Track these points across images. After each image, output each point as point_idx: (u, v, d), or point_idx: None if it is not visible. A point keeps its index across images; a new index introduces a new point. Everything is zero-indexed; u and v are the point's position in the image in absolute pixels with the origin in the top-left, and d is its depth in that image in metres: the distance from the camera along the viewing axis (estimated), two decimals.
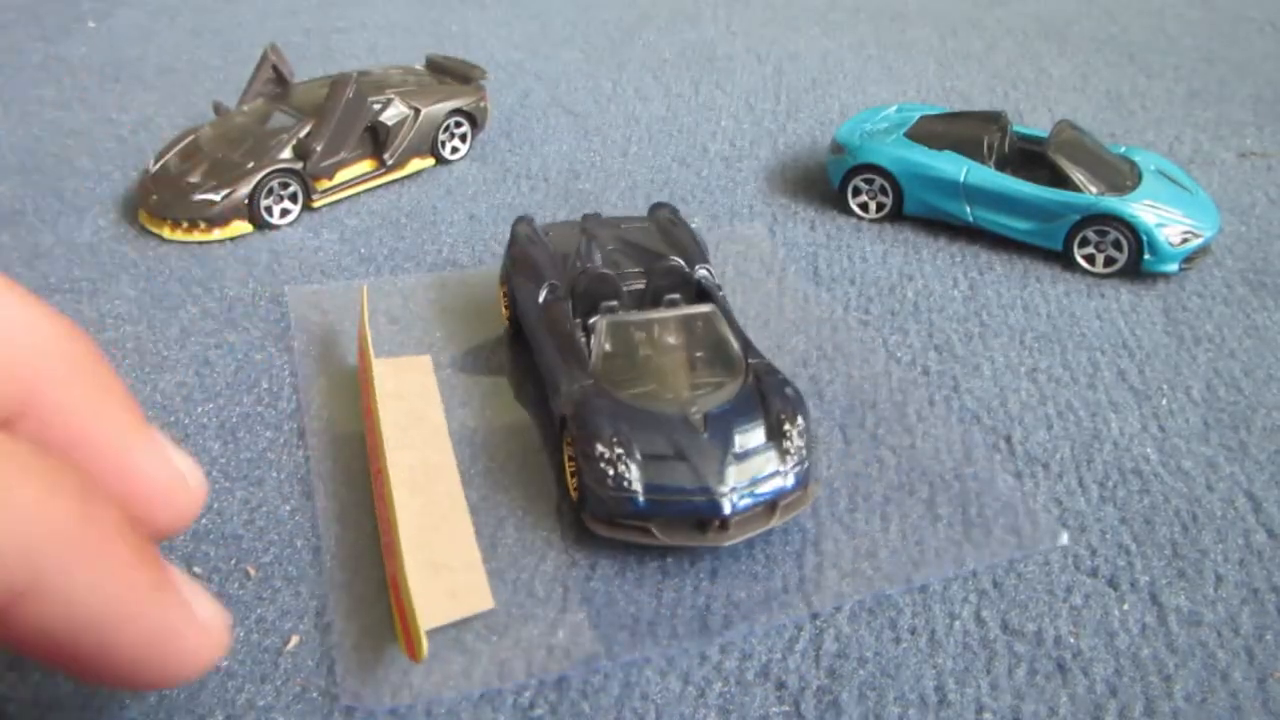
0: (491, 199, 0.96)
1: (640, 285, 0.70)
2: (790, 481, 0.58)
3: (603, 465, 0.57)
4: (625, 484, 0.56)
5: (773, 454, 0.58)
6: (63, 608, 0.36)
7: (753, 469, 0.57)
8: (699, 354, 0.64)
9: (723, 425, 0.59)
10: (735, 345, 0.64)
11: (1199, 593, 0.57)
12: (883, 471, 0.65)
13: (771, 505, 0.58)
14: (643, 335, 0.65)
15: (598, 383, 0.62)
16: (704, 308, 0.66)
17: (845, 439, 0.67)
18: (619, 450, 0.57)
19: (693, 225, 0.79)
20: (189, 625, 0.40)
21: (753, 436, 0.58)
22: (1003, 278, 0.85)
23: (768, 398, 0.60)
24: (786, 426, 0.59)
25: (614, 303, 0.68)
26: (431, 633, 0.53)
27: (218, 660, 0.41)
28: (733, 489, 0.56)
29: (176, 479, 0.44)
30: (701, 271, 0.71)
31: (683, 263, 0.70)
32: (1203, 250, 0.84)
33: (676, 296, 0.69)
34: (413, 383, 0.71)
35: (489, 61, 1.23)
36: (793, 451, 0.58)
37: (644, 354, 0.64)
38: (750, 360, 0.63)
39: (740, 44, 1.33)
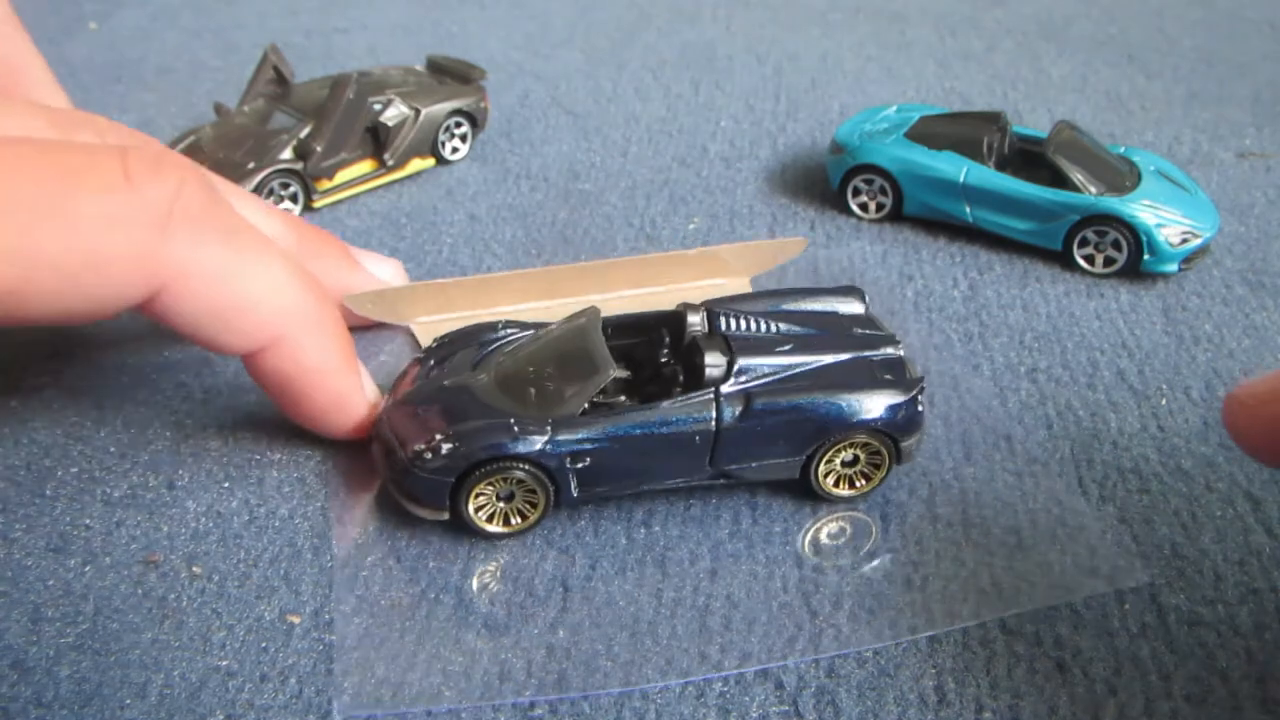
0: (491, 199, 0.96)
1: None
2: None
3: None
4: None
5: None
6: (293, 357, 0.59)
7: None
8: (558, 371, 0.61)
9: (441, 401, 0.61)
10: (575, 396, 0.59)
11: (1199, 592, 0.57)
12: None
13: None
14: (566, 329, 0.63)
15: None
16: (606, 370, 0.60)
17: None
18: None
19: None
20: (360, 394, 0.63)
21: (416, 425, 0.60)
22: (1003, 278, 0.85)
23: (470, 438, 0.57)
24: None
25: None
26: (429, 632, 0.53)
27: (367, 422, 0.63)
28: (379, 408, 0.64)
29: (366, 401, 0.64)
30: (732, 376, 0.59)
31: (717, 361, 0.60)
32: (1202, 250, 0.84)
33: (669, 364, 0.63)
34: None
35: (489, 61, 1.23)
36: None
37: (545, 339, 0.63)
38: (556, 417, 0.58)
39: (740, 44, 1.33)
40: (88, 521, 0.60)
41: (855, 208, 0.94)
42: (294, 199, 0.91)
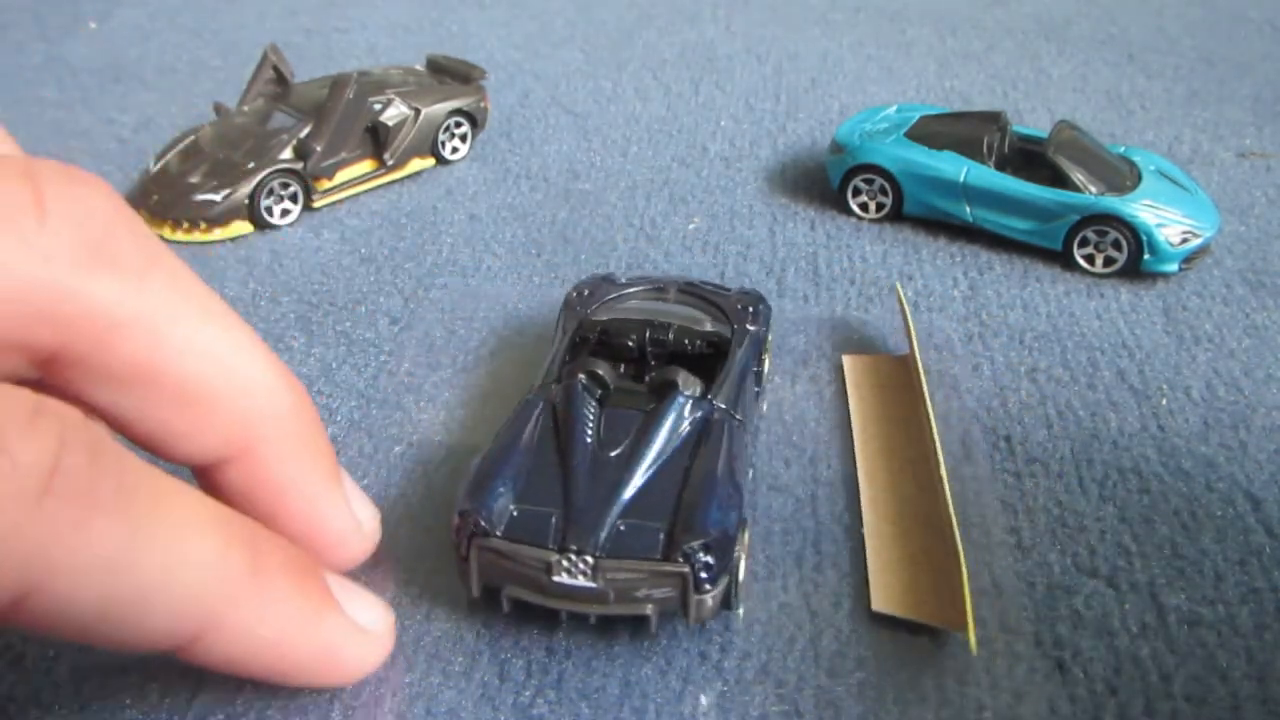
0: (491, 199, 0.96)
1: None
2: None
3: None
4: None
5: None
6: (238, 640, 0.44)
7: None
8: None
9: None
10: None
11: (1199, 592, 0.57)
12: None
13: None
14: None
15: None
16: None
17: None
18: None
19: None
20: (350, 637, 0.48)
21: None
22: (1003, 278, 0.85)
23: None
24: None
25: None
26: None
27: (383, 659, 0.50)
28: None
29: (352, 528, 0.52)
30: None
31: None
32: (1202, 250, 0.84)
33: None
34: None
35: (489, 61, 1.23)
36: None
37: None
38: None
39: (740, 44, 1.33)
40: None
41: (855, 208, 0.94)
42: (294, 199, 0.91)
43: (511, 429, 0.57)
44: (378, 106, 0.95)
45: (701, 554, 0.50)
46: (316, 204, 0.93)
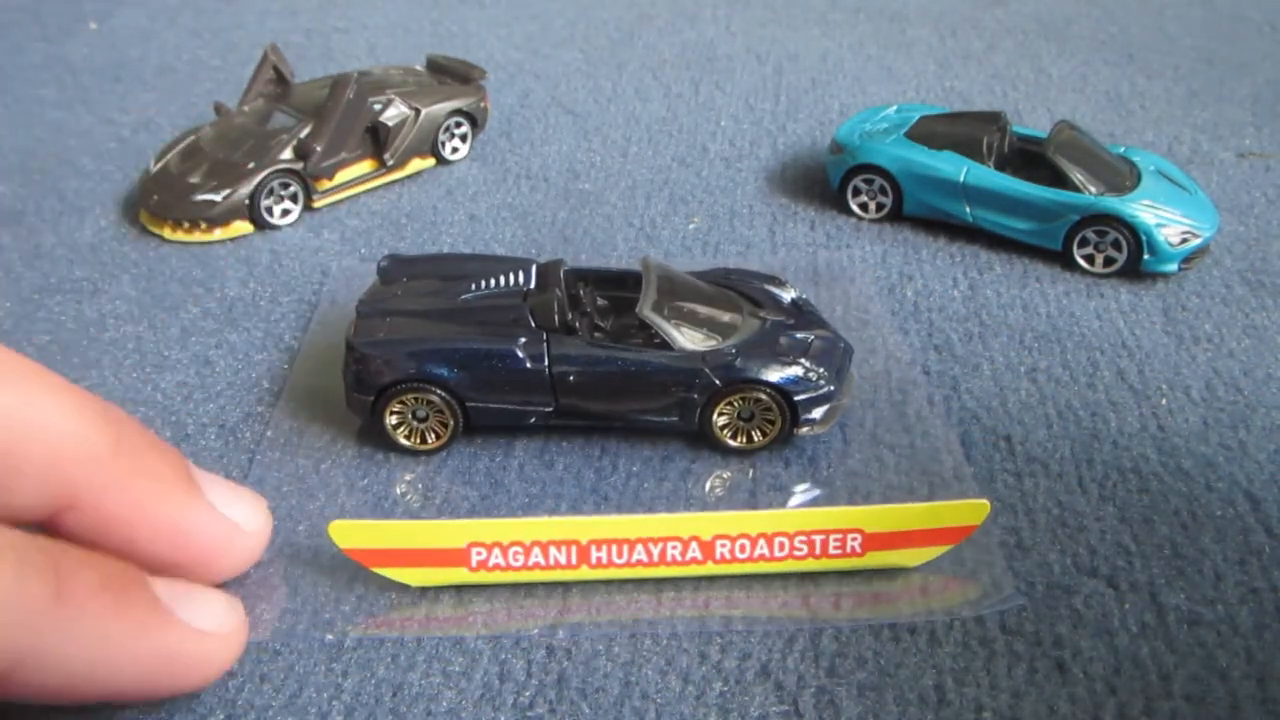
0: (491, 199, 0.96)
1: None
2: None
3: None
4: None
5: None
6: (52, 669, 0.41)
7: None
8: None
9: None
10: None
11: (1198, 592, 0.57)
12: (882, 472, 0.65)
13: None
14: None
15: None
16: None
17: (845, 439, 0.67)
18: None
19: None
20: (189, 641, 0.46)
21: None
22: (1003, 278, 0.85)
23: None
24: None
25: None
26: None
27: (234, 655, 0.49)
28: None
29: (228, 530, 0.51)
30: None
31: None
32: (1202, 250, 0.84)
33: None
34: None
35: (489, 61, 1.23)
36: None
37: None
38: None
39: (740, 44, 1.33)
40: None
41: (855, 208, 0.94)
42: (294, 199, 0.91)
43: (473, 256, 0.73)
44: (378, 106, 0.95)
45: (353, 362, 0.64)
46: (316, 204, 0.93)
